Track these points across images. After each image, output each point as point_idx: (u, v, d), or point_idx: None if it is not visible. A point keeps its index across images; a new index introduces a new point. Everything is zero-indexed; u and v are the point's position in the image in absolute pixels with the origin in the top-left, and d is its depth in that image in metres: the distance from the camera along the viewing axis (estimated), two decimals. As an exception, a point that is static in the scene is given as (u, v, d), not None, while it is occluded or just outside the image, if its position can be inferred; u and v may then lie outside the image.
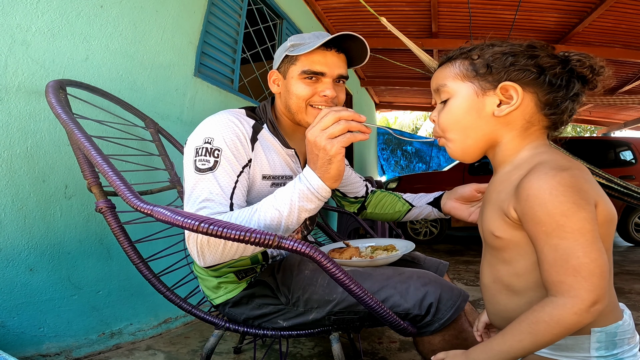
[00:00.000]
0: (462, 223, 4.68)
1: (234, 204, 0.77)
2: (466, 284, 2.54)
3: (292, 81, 0.87)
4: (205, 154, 0.78)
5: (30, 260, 1.18)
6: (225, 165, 0.78)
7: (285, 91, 0.89)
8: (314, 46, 0.81)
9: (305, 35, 0.89)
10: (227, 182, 0.77)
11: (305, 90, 0.85)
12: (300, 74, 0.85)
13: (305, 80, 0.85)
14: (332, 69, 0.85)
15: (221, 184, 0.76)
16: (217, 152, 0.78)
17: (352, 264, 0.89)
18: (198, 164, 0.77)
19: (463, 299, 0.80)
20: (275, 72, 0.92)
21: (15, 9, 1.14)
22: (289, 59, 0.87)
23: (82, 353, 1.26)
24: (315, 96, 0.86)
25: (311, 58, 0.84)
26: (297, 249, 0.63)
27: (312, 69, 0.84)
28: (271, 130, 0.91)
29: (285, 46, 0.88)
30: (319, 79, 0.85)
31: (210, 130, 0.81)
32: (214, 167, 0.77)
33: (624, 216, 4.30)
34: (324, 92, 0.85)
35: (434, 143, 10.47)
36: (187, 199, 0.77)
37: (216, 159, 0.77)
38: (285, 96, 0.89)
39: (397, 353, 1.38)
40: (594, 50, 4.06)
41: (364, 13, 3.69)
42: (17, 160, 1.16)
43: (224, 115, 0.84)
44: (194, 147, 0.80)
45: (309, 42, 0.85)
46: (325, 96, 0.85)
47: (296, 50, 0.85)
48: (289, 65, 0.87)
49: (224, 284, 0.90)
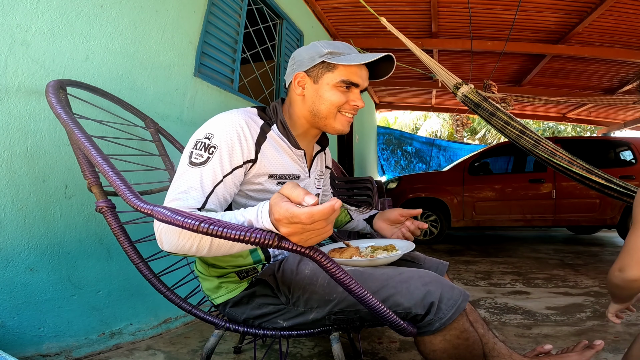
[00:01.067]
0: (462, 223, 4.68)
1: (207, 204, 0.77)
2: (466, 283, 2.54)
3: (326, 87, 0.89)
4: (201, 148, 0.79)
5: (30, 260, 1.18)
6: (215, 164, 0.78)
7: (314, 95, 0.90)
8: (360, 61, 0.86)
9: (337, 44, 0.91)
10: (209, 181, 0.78)
11: (341, 98, 0.89)
12: (339, 82, 0.88)
13: (341, 89, 0.89)
14: (364, 81, 0.92)
15: (203, 182, 0.77)
16: (213, 150, 0.79)
17: (352, 263, 0.89)
18: (193, 157, 0.78)
19: (464, 298, 0.80)
20: (303, 74, 0.91)
21: (15, 9, 1.14)
22: (325, 65, 0.89)
23: (82, 353, 1.26)
24: (346, 104, 0.91)
25: (350, 69, 0.89)
26: (297, 249, 0.63)
27: (351, 80, 0.89)
28: (281, 131, 0.92)
29: (320, 51, 0.88)
30: (351, 89, 0.90)
31: (214, 127, 0.82)
32: (205, 162, 0.78)
33: (624, 216, 4.30)
34: (355, 102, 0.91)
35: (434, 143, 10.47)
36: (171, 186, 0.78)
37: (210, 155, 0.78)
38: (313, 100, 0.90)
39: (397, 353, 1.38)
40: (594, 50, 4.06)
41: (364, 13, 3.69)
42: (17, 160, 1.16)
43: (233, 114, 0.85)
44: (195, 139, 0.81)
45: (346, 53, 0.89)
46: (355, 105, 0.91)
47: (336, 59, 0.87)
48: (324, 71, 0.89)
49: (225, 284, 0.90)
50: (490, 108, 2.43)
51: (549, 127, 15.50)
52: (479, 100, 2.48)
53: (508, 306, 1.98)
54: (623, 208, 4.27)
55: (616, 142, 4.64)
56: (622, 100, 4.60)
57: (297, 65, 0.92)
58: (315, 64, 0.89)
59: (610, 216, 4.33)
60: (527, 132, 2.35)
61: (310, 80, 0.90)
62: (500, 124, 2.38)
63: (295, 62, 0.93)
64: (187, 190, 0.76)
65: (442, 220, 4.72)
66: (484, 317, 1.22)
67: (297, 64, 0.92)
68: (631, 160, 4.40)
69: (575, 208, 4.40)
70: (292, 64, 0.94)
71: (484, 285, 2.49)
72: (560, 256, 3.64)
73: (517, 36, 3.94)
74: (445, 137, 14.69)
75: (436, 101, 7.13)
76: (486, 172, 4.98)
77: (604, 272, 2.85)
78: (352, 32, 4.24)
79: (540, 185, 4.48)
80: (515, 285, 2.46)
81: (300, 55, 0.92)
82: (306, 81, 0.91)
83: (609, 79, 5.03)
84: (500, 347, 0.90)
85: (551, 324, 1.69)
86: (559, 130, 15.48)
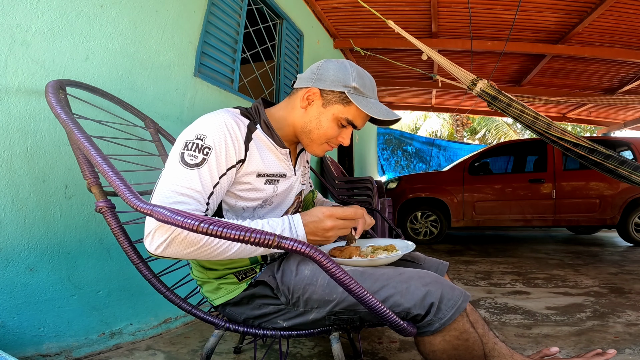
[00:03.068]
0: (462, 223, 4.68)
1: (210, 205, 0.79)
2: (466, 283, 2.54)
3: (329, 116, 0.89)
4: (194, 149, 0.78)
5: (30, 260, 1.18)
6: (211, 165, 0.78)
7: (315, 117, 0.90)
8: (376, 115, 0.87)
9: (366, 79, 0.90)
10: (208, 182, 0.78)
11: (335, 132, 0.91)
12: (344, 118, 0.89)
13: (339, 124, 0.91)
14: (362, 125, 0.94)
15: (203, 183, 0.77)
16: (207, 151, 0.78)
17: (352, 263, 0.89)
18: (186, 158, 0.77)
19: (464, 299, 0.80)
20: (317, 92, 0.89)
21: (15, 9, 1.14)
22: (343, 98, 0.88)
23: (82, 353, 1.26)
24: (334, 138, 0.92)
25: (360, 113, 0.90)
26: (297, 249, 0.63)
27: (355, 122, 0.91)
28: (265, 131, 0.91)
29: (347, 81, 0.87)
30: (347, 127, 0.92)
31: (204, 127, 0.80)
32: (201, 164, 0.77)
33: (624, 216, 4.30)
34: (343, 141, 0.93)
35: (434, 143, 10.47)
36: (161, 186, 0.75)
37: (205, 156, 0.78)
38: (311, 120, 0.90)
39: (397, 353, 1.38)
40: (594, 50, 4.06)
41: (364, 13, 3.69)
42: (17, 160, 1.16)
43: (220, 114, 0.83)
44: (184, 140, 0.79)
45: (368, 96, 0.90)
46: (341, 141, 0.94)
47: (357, 99, 0.87)
48: (337, 101, 0.89)
49: (224, 285, 0.90)
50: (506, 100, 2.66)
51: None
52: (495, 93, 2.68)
53: (508, 306, 1.98)
54: (623, 208, 4.27)
55: (616, 142, 4.64)
56: (622, 100, 4.60)
57: (319, 79, 0.89)
58: (336, 90, 0.88)
59: (610, 216, 4.33)
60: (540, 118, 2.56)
61: (321, 101, 0.89)
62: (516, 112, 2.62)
63: (318, 73, 0.89)
64: (188, 194, 0.75)
65: (442, 220, 4.72)
66: (484, 317, 1.22)
67: (319, 77, 0.89)
68: (631, 160, 4.39)
69: (575, 208, 4.41)
70: (315, 73, 0.90)
71: (484, 285, 2.49)
72: (560, 256, 3.64)
73: (517, 36, 3.94)
74: (445, 137, 14.69)
75: (436, 101, 7.13)
76: (486, 172, 4.98)
77: (604, 272, 2.85)
78: (352, 32, 4.24)
79: (540, 185, 4.48)
80: (515, 285, 2.46)
81: (327, 70, 0.89)
82: (316, 100, 0.90)
83: (609, 79, 5.03)
84: (500, 347, 0.89)
85: (551, 324, 1.69)
86: (559, 130, 15.46)
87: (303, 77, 0.92)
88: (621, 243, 4.55)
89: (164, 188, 0.75)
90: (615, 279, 2.61)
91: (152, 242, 0.73)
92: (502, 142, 5.35)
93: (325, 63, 0.91)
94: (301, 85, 0.91)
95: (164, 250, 0.72)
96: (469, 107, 6.98)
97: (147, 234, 0.73)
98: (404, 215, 4.84)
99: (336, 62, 0.91)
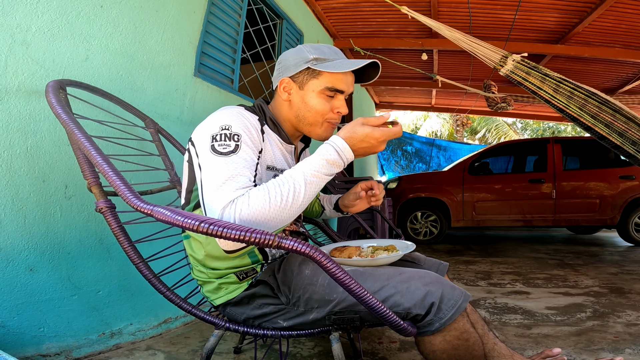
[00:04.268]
0: (462, 223, 4.68)
1: (256, 182, 0.78)
2: (466, 283, 2.54)
3: (311, 94, 0.89)
4: (225, 139, 0.78)
5: (30, 260, 1.18)
6: (246, 149, 0.79)
7: (300, 102, 0.90)
8: (345, 69, 0.85)
9: (323, 47, 0.89)
10: (250, 162, 0.78)
11: (325, 106, 0.89)
12: (323, 89, 0.88)
13: (325, 96, 0.89)
14: (349, 87, 0.91)
15: (247, 162, 0.77)
16: (237, 137, 0.79)
17: (352, 263, 0.90)
18: (219, 148, 0.77)
19: (465, 299, 0.80)
20: (288, 80, 0.91)
21: (15, 9, 1.14)
22: (311, 72, 0.88)
23: (82, 353, 1.26)
24: (330, 112, 0.90)
25: (335, 76, 0.88)
26: (297, 249, 0.63)
27: (336, 87, 0.88)
28: (271, 127, 0.93)
29: (305, 57, 0.88)
30: (336, 95, 0.89)
31: (225, 119, 0.82)
32: (236, 149, 0.77)
33: (624, 216, 4.30)
34: (339, 109, 0.90)
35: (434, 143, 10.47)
36: (206, 180, 0.75)
37: (237, 142, 0.78)
38: (299, 106, 0.91)
39: (397, 353, 1.38)
40: (594, 50, 4.06)
41: (364, 13, 3.69)
42: (17, 160, 1.16)
43: (233, 108, 0.85)
44: (209, 134, 0.79)
45: (332, 59, 0.88)
46: (339, 112, 0.90)
47: (322, 66, 0.86)
48: (309, 78, 0.88)
49: (224, 285, 0.90)
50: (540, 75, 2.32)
51: (549, 127, 15.51)
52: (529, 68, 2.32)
53: (508, 306, 1.98)
54: (623, 208, 4.27)
55: (616, 142, 4.64)
56: (622, 100, 4.60)
57: (283, 70, 0.91)
58: (301, 69, 0.88)
59: (610, 216, 4.33)
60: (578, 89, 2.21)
61: (296, 86, 0.90)
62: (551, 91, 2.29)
63: (281, 66, 0.92)
64: (233, 175, 0.74)
65: (442, 220, 4.72)
66: (484, 317, 1.22)
67: (283, 68, 0.92)
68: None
69: (575, 208, 4.41)
70: (279, 68, 0.93)
71: (484, 285, 2.49)
72: (560, 256, 3.64)
73: (517, 36, 3.94)
74: (445, 137, 14.69)
75: (436, 101, 7.12)
76: (486, 172, 4.98)
77: (604, 272, 2.85)
78: (352, 32, 4.24)
79: (540, 185, 4.48)
80: (515, 285, 2.46)
81: (286, 59, 0.91)
82: (292, 87, 0.91)
83: (609, 79, 5.03)
84: (500, 347, 0.90)
85: (551, 324, 1.69)
86: (559, 130, 15.48)
87: (274, 77, 0.96)
88: (621, 243, 4.55)
89: (208, 181, 0.75)
90: (615, 279, 2.61)
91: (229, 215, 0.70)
92: (502, 142, 5.35)
93: (283, 55, 0.94)
94: (275, 84, 0.95)
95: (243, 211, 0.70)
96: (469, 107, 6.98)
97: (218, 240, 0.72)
98: (404, 215, 4.84)
99: (291, 49, 0.93)
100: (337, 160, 0.76)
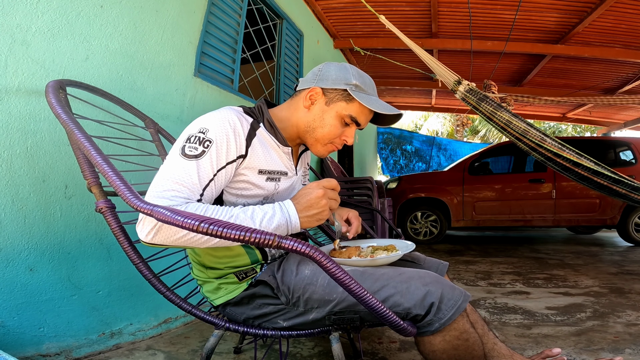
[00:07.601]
0: (462, 223, 4.68)
1: (205, 197, 0.79)
2: (466, 283, 2.54)
3: (332, 114, 0.90)
4: (196, 142, 0.79)
5: (30, 260, 1.18)
6: (210, 158, 0.79)
7: (318, 115, 0.91)
8: (377, 108, 0.88)
9: (366, 78, 0.92)
10: (205, 174, 0.78)
11: (338, 130, 0.92)
12: (346, 115, 0.90)
13: (342, 122, 0.91)
14: (365, 124, 0.94)
15: (200, 174, 0.78)
16: (208, 144, 0.79)
17: (352, 263, 0.90)
18: (187, 150, 0.78)
19: (464, 299, 0.80)
20: (320, 91, 0.91)
21: (15, 9, 1.14)
22: (345, 95, 0.89)
23: (82, 353, 1.26)
24: (337, 138, 0.93)
25: (363, 109, 0.91)
26: (297, 249, 0.63)
27: (358, 119, 0.91)
28: (268, 129, 0.92)
29: (348, 79, 0.89)
30: (351, 125, 0.92)
31: (207, 122, 0.82)
32: (200, 155, 0.78)
33: (624, 216, 4.30)
34: (347, 139, 0.94)
35: (434, 141, 10.45)
36: (159, 176, 0.77)
37: (205, 149, 0.79)
38: (315, 119, 0.91)
39: (397, 353, 1.38)
40: (593, 50, 4.06)
41: (364, 13, 3.69)
42: (17, 160, 1.16)
43: (224, 111, 0.85)
44: (187, 134, 0.81)
45: (369, 93, 0.91)
46: (345, 140, 0.94)
47: (359, 95, 0.88)
48: (340, 99, 0.90)
49: (224, 285, 0.90)
50: (491, 108, 2.41)
51: (549, 127, 15.50)
52: (478, 98, 2.45)
53: (508, 306, 1.98)
54: (623, 208, 4.27)
55: (616, 142, 4.64)
56: (622, 100, 4.60)
57: (321, 79, 0.91)
58: (338, 88, 0.89)
59: (610, 216, 4.33)
60: (530, 132, 2.33)
61: (324, 100, 0.91)
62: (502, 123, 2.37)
63: (320, 74, 0.92)
64: (183, 183, 0.76)
65: (442, 220, 4.72)
66: (484, 317, 1.22)
67: (321, 77, 0.91)
68: (631, 160, 4.40)
69: (575, 208, 4.41)
70: (316, 74, 0.93)
71: (484, 285, 2.49)
72: (560, 256, 3.64)
73: (517, 36, 3.94)
74: (445, 137, 14.68)
75: (436, 101, 7.13)
76: (486, 172, 4.98)
77: (604, 272, 2.85)
78: (352, 32, 4.24)
79: (540, 185, 4.48)
80: (515, 285, 2.46)
81: (328, 70, 0.91)
82: (319, 98, 0.91)
83: (609, 79, 5.03)
84: (500, 347, 0.90)
85: (551, 324, 1.69)
86: (559, 130, 15.48)
87: (305, 79, 0.95)
88: (621, 243, 4.55)
89: (161, 177, 0.77)
90: (615, 279, 2.61)
91: (142, 229, 0.74)
92: (502, 142, 5.35)
93: (327, 65, 0.94)
94: (304, 87, 0.93)
95: (153, 237, 0.73)
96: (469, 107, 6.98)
97: (138, 222, 0.74)
98: (404, 215, 4.84)
99: (337, 64, 0.94)
100: (284, 231, 0.79)
